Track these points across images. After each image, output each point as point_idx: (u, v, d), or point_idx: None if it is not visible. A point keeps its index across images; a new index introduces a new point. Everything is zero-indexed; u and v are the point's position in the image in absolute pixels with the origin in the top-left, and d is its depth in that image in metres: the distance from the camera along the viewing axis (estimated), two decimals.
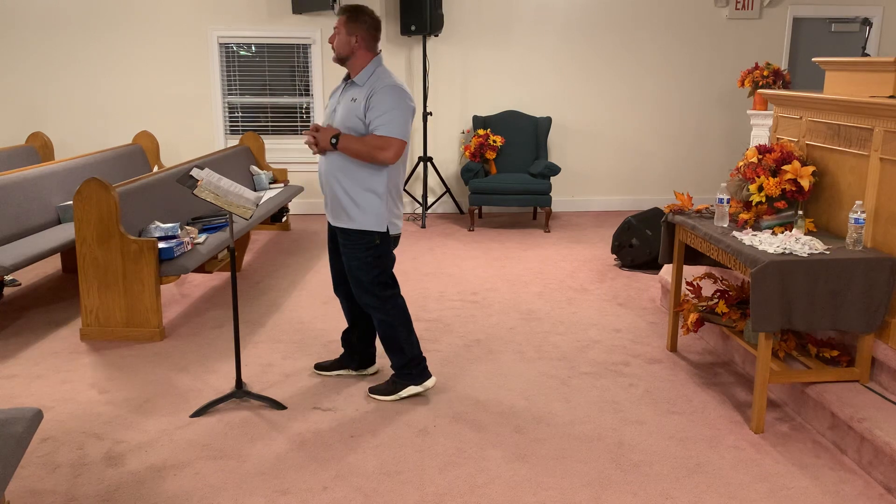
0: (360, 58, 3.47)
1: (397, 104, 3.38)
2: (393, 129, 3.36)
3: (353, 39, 3.44)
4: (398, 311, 3.63)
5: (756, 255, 3.25)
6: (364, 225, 3.48)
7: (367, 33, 3.46)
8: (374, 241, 3.51)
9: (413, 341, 3.69)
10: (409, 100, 3.46)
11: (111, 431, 3.35)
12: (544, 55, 8.07)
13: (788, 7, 8.10)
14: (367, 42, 3.47)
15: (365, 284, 3.57)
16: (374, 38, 3.50)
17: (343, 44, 3.46)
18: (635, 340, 4.47)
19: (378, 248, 3.53)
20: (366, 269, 3.54)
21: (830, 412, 3.26)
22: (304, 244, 6.81)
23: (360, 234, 3.50)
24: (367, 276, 3.55)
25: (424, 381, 3.71)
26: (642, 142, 8.32)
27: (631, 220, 6.04)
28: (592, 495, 2.87)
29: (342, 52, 3.47)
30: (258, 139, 7.32)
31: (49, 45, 7.77)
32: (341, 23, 3.47)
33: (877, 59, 3.72)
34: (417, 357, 3.69)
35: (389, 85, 3.40)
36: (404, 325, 3.65)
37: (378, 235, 3.51)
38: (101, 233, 4.33)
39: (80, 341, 4.43)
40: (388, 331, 3.64)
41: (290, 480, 2.97)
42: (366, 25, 3.46)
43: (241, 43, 7.93)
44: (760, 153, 3.86)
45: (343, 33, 3.45)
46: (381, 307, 3.60)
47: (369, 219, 3.48)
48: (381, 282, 3.58)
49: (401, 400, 3.67)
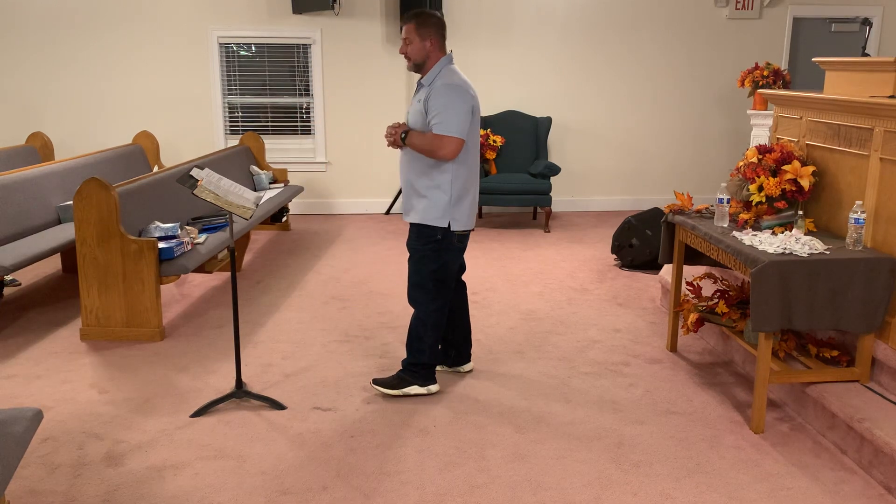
0: (433, 60, 3.53)
1: (450, 103, 3.42)
2: (447, 127, 3.41)
3: (428, 43, 3.49)
4: (438, 317, 3.67)
5: (756, 255, 3.25)
6: (425, 219, 3.55)
7: (438, 34, 3.51)
8: (436, 236, 3.57)
9: (436, 350, 3.73)
10: (466, 97, 3.47)
11: (111, 431, 3.35)
12: (544, 55, 8.07)
13: (788, 7, 8.10)
14: (439, 43, 3.52)
15: (422, 278, 3.63)
16: (443, 38, 3.56)
17: (418, 50, 3.51)
18: (635, 340, 4.47)
19: (439, 243, 3.58)
20: (424, 262, 3.61)
21: (830, 412, 3.26)
22: (304, 244, 6.81)
23: (422, 228, 3.58)
24: (426, 269, 3.61)
25: (429, 384, 3.72)
26: (642, 142, 8.32)
27: (631, 220, 6.04)
28: (592, 495, 2.87)
29: (419, 59, 3.53)
30: (258, 139, 7.32)
31: (49, 45, 7.77)
32: (411, 31, 3.50)
33: (877, 59, 3.72)
34: (432, 363, 3.72)
35: (445, 84, 3.45)
36: (435, 331, 3.69)
37: (440, 231, 3.56)
38: (101, 233, 4.33)
39: (80, 341, 4.43)
40: (420, 330, 3.68)
41: (290, 480, 2.97)
42: (435, 27, 3.51)
43: (241, 43, 7.93)
44: (760, 153, 3.85)
45: (416, 40, 3.49)
46: (427, 305, 3.64)
47: (431, 213, 3.54)
48: (437, 278, 3.63)
49: (401, 397, 3.67)
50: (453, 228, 3.57)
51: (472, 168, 3.60)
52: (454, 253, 3.65)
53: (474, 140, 3.58)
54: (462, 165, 3.53)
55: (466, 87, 3.50)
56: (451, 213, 3.55)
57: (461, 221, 3.59)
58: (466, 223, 3.62)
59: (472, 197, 3.63)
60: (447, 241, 3.59)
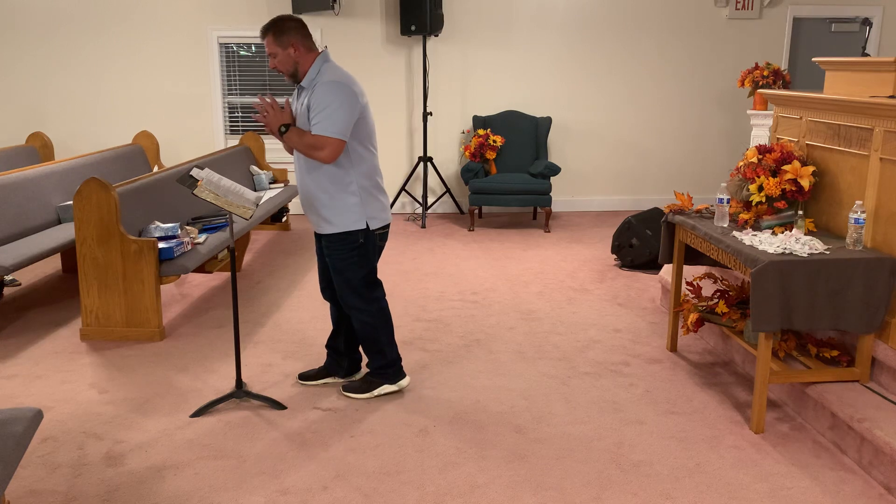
0: (305, 61, 3.37)
1: (333, 100, 3.26)
2: (327, 127, 3.25)
3: (291, 50, 3.34)
4: (382, 314, 3.61)
5: (756, 255, 3.25)
6: (343, 227, 3.42)
7: (299, 36, 3.35)
8: (358, 241, 3.45)
9: (393, 344, 3.68)
10: (348, 92, 3.30)
11: (111, 431, 3.35)
12: (544, 55, 8.07)
13: (788, 7, 8.10)
14: (304, 45, 3.36)
15: (353, 285, 3.51)
16: (308, 38, 3.39)
17: (286, 61, 3.35)
18: (635, 340, 4.47)
19: (363, 247, 3.47)
20: (353, 269, 3.49)
21: (830, 412, 3.26)
22: (304, 244, 6.81)
23: (342, 236, 3.45)
24: (356, 276, 3.50)
25: (399, 380, 3.71)
26: (642, 142, 8.32)
27: (631, 220, 6.04)
28: (592, 495, 2.87)
29: (289, 68, 3.37)
30: (258, 139, 7.32)
31: (49, 45, 7.77)
32: (271, 43, 3.33)
33: (877, 59, 3.71)
34: (396, 359, 3.69)
35: (326, 82, 3.29)
36: (386, 327, 3.64)
37: (360, 234, 3.45)
38: (101, 233, 4.33)
39: (80, 341, 4.43)
40: (371, 333, 3.61)
41: (290, 480, 2.97)
42: (293, 31, 3.35)
43: (241, 43, 7.93)
44: (760, 153, 3.85)
45: (279, 51, 3.34)
46: (366, 309, 3.57)
47: (346, 219, 3.41)
48: (369, 282, 3.54)
49: (375, 398, 3.67)
50: (372, 227, 3.47)
51: (372, 161, 3.46)
52: (377, 250, 3.56)
53: (368, 131, 3.42)
54: (362, 162, 3.40)
55: (350, 82, 3.34)
56: (366, 213, 3.43)
57: (378, 218, 3.48)
58: (383, 219, 3.52)
59: (380, 190, 3.50)
60: (370, 241, 3.49)
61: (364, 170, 3.43)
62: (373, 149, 3.48)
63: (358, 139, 3.39)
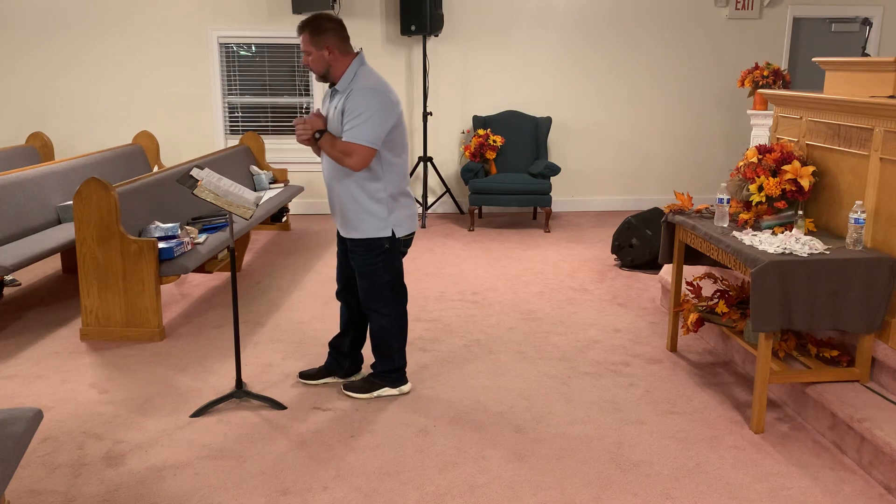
0: (340, 64, 3.35)
1: (369, 108, 3.24)
2: (359, 134, 3.23)
3: (326, 52, 3.31)
4: (400, 321, 3.63)
5: (756, 255, 3.25)
6: (368, 233, 3.44)
7: (337, 38, 3.32)
8: (384, 247, 3.47)
9: (403, 351, 3.70)
10: (385, 101, 3.29)
11: (111, 431, 3.35)
12: (544, 55, 8.07)
13: (788, 7, 8.10)
14: (340, 47, 3.33)
15: (377, 289, 3.53)
16: (345, 40, 3.35)
17: (319, 60, 3.32)
18: (635, 340, 4.47)
19: (388, 253, 3.49)
20: (378, 274, 3.51)
21: (830, 412, 3.26)
22: (304, 244, 6.81)
23: (367, 242, 3.46)
24: (381, 281, 3.52)
25: (400, 385, 3.71)
26: (642, 142, 8.33)
27: (631, 220, 6.04)
28: (592, 495, 2.87)
29: (321, 70, 3.34)
30: (258, 139, 7.32)
31: (49, 45, 7.77)
32: (307, 41, 3.29)
33: (877, 59, 3.71)
34: (402, 366, 3.71)
35: (364, 87, 3.28)
36: (401, 334, 3.65)
37: (386, 240, 3.47)
38: (101, 233, 4.33)
39: (80, 341, 4.43)
40: (385, 337, 3.62)
41: (290, 480, 2.97)
42: (332, 31, 3.31)
43: (241, 43, 7.93)
44: (760, 153, 3.85)
45: (314, 50, 3.31)
46: (387, 314, 3.58)
47: (373, 226, 3.42)
48: (394, 287, 3.56)
49: (375, 398, 3.67)
50: (398, 235, 3.49)
51: (402, 169, 3.47)
52: (401, 257, 3.58)
53: (401, 139, 3.41)
54: (392, 170, 3.40)
55: (386, 90, 3.32)
56: (392, 221, 3.45)
57: (404, 226, 3.50)
58: (409, 227, 3.54)
59: (408, 197, 3.52)
60: (394, 248, 3.50)
61: (393, 178, 3.43)
62: (404, 157, 3.48)
63: (390, 148, 3.38)
